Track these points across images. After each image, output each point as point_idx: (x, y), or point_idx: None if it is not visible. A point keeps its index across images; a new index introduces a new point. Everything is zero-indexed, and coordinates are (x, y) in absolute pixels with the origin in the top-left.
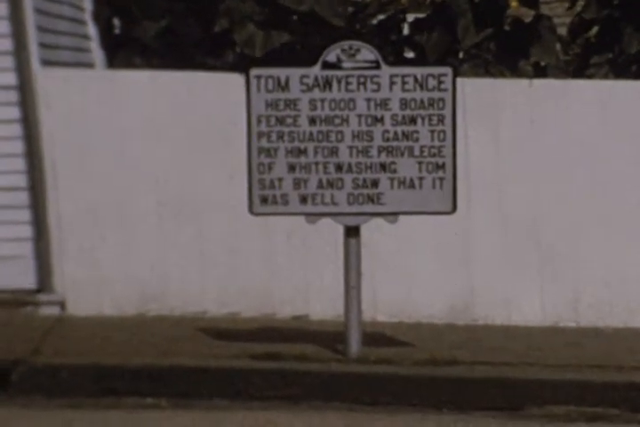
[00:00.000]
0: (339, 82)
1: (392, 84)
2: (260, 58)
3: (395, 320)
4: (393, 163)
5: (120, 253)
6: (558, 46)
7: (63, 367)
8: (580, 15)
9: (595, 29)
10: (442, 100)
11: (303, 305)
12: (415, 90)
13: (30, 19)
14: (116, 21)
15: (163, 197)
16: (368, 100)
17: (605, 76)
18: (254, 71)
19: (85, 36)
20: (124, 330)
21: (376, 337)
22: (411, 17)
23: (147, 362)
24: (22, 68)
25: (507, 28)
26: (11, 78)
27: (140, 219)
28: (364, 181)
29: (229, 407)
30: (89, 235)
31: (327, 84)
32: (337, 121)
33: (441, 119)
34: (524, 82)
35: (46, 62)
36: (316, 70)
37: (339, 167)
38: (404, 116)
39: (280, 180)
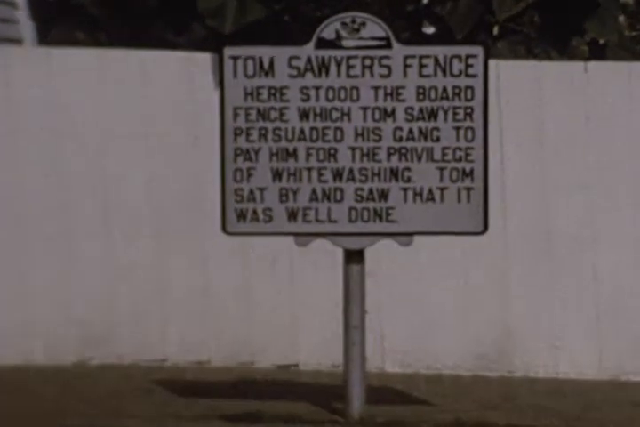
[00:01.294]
0: (338, 65)
1: (406, 67)
2: (237, 33)
3: (408, 371)
4: (407, 169)
5: (55, 285)
6: (622, 19)
7: None
8: None
9: None
10: (470, 88)
11: (290, 352)
12: (436, 75)
13: None
14: None
15: (111, 210)
16: (375, 88)
17: None
18: (229, 51)
19: (11, 4)
20: (59, 383)
21: (384, 393)
22: None
23: (88, 424)
24: None
25: None
26: None
27: (81, 238)
28: (370, 191)
29: None
30: (14, 260)
31: (323, 67)
32: (335, 115)
33: (469, 113)
34: (576, 65)
35: None
36: (308, 50)
37: (337, 174)
38: (421, 109)
39: (262, 190)
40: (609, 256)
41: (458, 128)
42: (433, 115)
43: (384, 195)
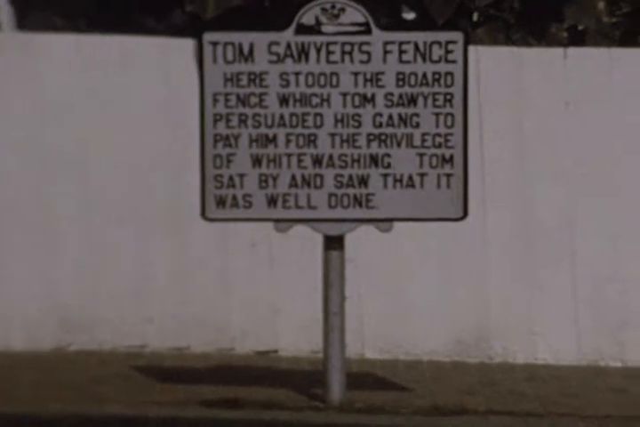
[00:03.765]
0: (317, 51)
1: (386, 53)
2: (217, 19)
3: (388, 357)
4: (387, 155)
5: (34, 270)
6: (601, 5)
7: None
8: None
9: None
10: (450, 74)
11: (270, 337)
12: (416, 61)
13: None
14: None
15: (91, 198)
16: (355, 74)
17: None
18: (209, 36)
19: None
20: (37, 369)
21: (364, 379)
22: None
23: (67, 410)
24: None
25: None
26: None
27: (61, 225)
28: (350, 178)
29: None
30: None
31: (303, 53)
32: (315, 101)
33: (448, 99)
34: (556, 51)
35: None
36: (288, 35)
37: (317, 160)
38: (401, 95)
39: (242, 176)
40: (588, 243)
41: (437, 114)
42: (413, 101)
43: (364, 181)
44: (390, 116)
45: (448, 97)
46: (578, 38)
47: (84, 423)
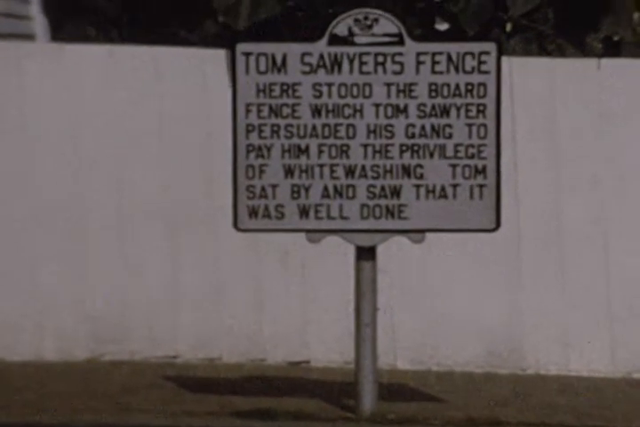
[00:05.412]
0: (350, 61)
1: (419, 64)
2: (250, 30)
3: (420, 368)
4: (419, 166)
5: (67, 280)
6: (637, 16)
7: None
8: None
9: None
10: (483, 85)
11: (302, 348)
12: (449, 72)
13: None
14: None
15: (125, 207)
16: (388, 84)
17: None
18: (242, 47)
19: (24, 0)
20: (70, 379)
21: (396, 390)
22: None
23: (99, 420)
24: None
25: None
26: None
27: (94, 235)
28: (382, 188)
29: None
30: (27, 255)
31: (336, 63)
32: (348, 112)
33: (481, 110)
34: (590, 62)
35: None
36: (321, 46)
37: (350, 171)
38: (433, 106)
39: (274, 187)
40: (621, 253)
41: (470, 125)
42: (445, 111)
43: (396, 192)
44: (423, 127)
45: (481, 108)
46: (613, 49)
47: None
